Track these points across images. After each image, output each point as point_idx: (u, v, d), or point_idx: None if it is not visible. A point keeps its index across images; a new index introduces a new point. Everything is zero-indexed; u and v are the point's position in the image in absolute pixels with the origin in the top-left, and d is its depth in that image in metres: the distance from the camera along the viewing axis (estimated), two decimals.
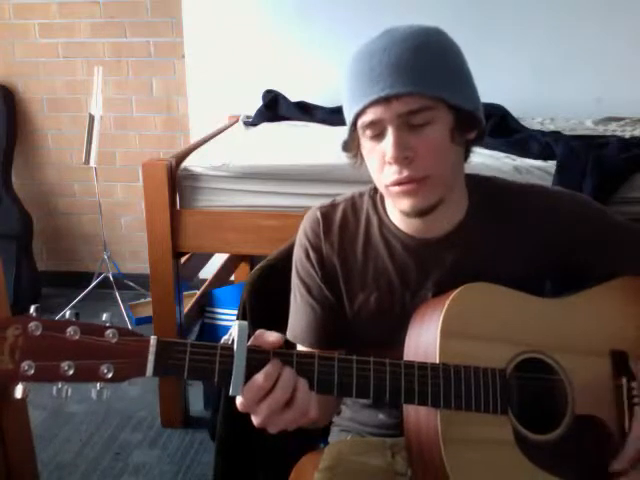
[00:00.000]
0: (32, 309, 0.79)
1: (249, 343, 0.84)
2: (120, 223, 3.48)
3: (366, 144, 0.98)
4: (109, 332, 0.79)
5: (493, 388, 0.91)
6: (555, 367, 0.96)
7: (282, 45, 3.07)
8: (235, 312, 1.44)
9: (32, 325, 0.77)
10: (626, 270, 1.06)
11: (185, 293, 2.52)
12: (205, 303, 2.51)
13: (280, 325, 1.14)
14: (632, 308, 1.04)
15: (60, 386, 0.77)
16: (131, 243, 3.47)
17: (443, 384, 0.89)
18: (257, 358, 0.83)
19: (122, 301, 3.12)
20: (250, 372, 0.82)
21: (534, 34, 2.88)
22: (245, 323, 0.83)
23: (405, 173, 0.94)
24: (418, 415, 0.94)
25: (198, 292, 2.67)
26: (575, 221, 1.05)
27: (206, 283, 2.74)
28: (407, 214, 0.99)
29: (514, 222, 1.05)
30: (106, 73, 3.07)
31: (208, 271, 2.82)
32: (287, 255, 1.16)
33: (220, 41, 3.10)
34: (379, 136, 0.95)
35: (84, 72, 3.26)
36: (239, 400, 0.83)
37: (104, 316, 0.82)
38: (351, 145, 1.02)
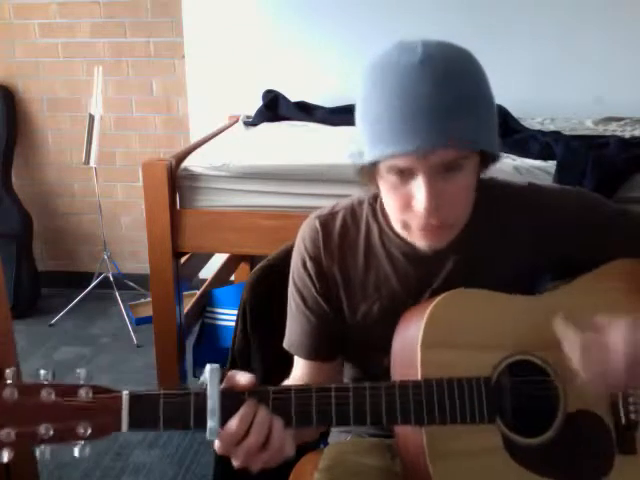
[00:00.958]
0: (8, 372, 0.78)
1: (222, 386, 0.83)
2: (120, 223, 3.48)
3: (389, 180, 0.92)
4: (82, 391, 0.80)
5: (479, 398, 0.89)
6: (545, 367, 0.95)
7: (282, 45, 3.07)
8: (235, 312, 1.44)
9: (7, 392, 0.77)
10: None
11: (185, 293, 2.52)
12: (205, 303, 2.51)
13: (280, 325, 1.14)
14: (622, 294, 1.02)
15: (43, 448, 0.78)
16: (131, 243, 3.47)
17: (426, 401, 0.87)
18: (231, 400, 0.82)
19: (122, 301, 3.11)
20: (225, 415, 0.81)
21: (534, 34, 2.88)
22: (217, 366, 0.82)
23: (433, 221, 0.90)
24: (405, 431, 0.93)
25: (198, 292, 2.67)
26: (577, 220, 1.04)
27: (206, 283, 2.74)
28: (422, 250, 0.98)
29: (513, 228, 1.04)
30: (106, 73, 3.07)
31: (208, 271, 2.82)
32: (287, 255, 1.16)
33: (220, 41, 3.10)
34: (406, 178, 0.90)
35: (84, 72, 3.26)
36: (216, 444, 0.83)
37: (78, 372, 0.81)
38: (366, 176, 0.96)
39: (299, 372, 1.11)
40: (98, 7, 3.19)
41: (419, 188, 0.89)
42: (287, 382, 1.10)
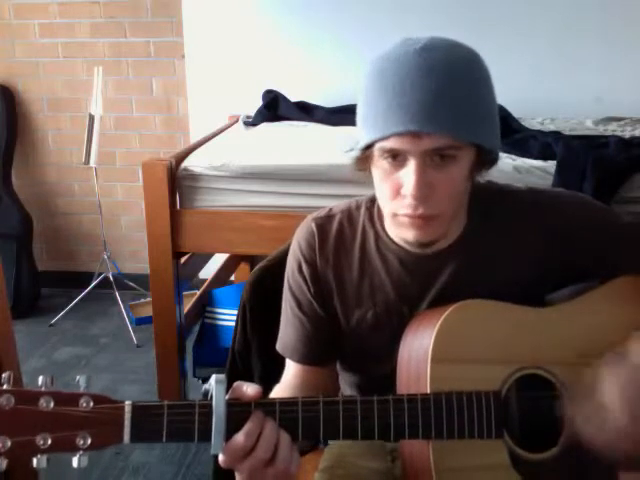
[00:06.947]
0: (4, 376, 0.75)
1: (228, 396, 0.81)
2: (120, 223, 3.48)
3: (381, 166, 0.92)
4: (83, 400, 0.77)
5: (487, 413, 0.88)
6: (553, 381, 0.93)
7: (282, 45, 3.07)
8: (235, 312, 1.44)
9: (3, 399, 0.74)
10: (631, 271, 1.02)
11: (185, 293, 2.52)
12: (205, 303, 2.51)
13: (280, 325, 1.14)
14: (631, 308, 1.00)
15: (39, 457, 0.76)
16: (131, 243, 3.47)
17: (434, 415, 0.86)
18: (237, 412, 0.80)
19: (122, 301, 3.11)
20: (231, 428, 0.79)
21: (534, 34, 2.88)
22: (222, 376, 0.80)
23: (420, 210, 0.90)
24: (411, 445, 0.92)
25: (198, 292, 2.67)
26: (577, 229, 1.01)
27: (206, 283, 2.74)
28: (410, 244, 0.97)
29: (513, 232, 1.01)
30: (106, 73, 3.07)
31: (208, 271, 2.82)
32: (287, 255, 1.16)
33: (220, 41, 3.10)
34: (398, 163, 0.90)
35: (84, 72, 3.26)
36: (221, 458, 0.80)
37: (78, 378, 0.79)
38: (361, 162, 0.96)
39: (291, 375, 1.09)
40: (98, 7, 3.19)
41: (409, 175, 0.88)
42: (278, 386, 1.08)
